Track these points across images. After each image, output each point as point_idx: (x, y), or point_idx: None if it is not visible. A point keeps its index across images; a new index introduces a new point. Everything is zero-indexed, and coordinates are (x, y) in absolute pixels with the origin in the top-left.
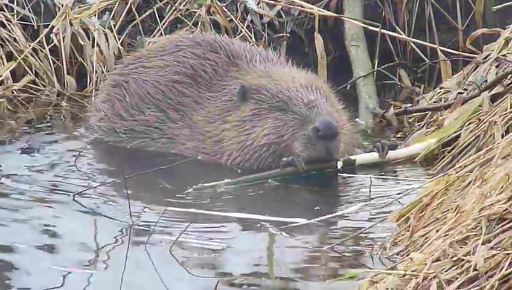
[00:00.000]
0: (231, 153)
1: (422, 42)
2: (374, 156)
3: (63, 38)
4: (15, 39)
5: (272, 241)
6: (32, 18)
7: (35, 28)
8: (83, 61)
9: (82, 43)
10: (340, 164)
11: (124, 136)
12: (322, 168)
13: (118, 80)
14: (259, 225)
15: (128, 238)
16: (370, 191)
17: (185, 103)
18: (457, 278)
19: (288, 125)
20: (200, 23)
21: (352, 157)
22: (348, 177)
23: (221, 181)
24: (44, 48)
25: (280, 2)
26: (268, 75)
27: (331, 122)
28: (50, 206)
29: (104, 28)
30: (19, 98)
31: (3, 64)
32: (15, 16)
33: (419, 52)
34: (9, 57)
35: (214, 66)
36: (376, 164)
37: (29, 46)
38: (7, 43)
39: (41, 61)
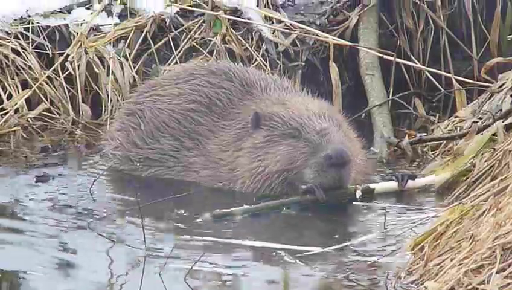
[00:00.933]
0: (244, 181)
1: (437, 71)
2: (392, 186)
3: (78, 66)
4: (30, 67)
5: (287, 269)
6: (47, 46)
7: (51, 56)
8: (98, 90)
9: (97, 71)
10: (359, 193)
11: (138, 164)
12: (341, 196)
13: (133, 108)
14: (274, 253)
15: (143, 266)
16: (385, 219)
17: (200, 131)
18: None
19: (300, 152)
20: (215, 51)
21: (371, 186)
22: (363, 206)
23: (239, 208)
24: (59, 76)
25: (295, 30)
26: (281, 103)
27: (343, 150)
28: (65, 234)
29: (119, 57)
30: (33, 126)
31: (18, 93)
32: (30, 44)
33: (434, 81)
34: (25, 85)
35: (229, 95)
36: (393, 193)
37: (44, 74)
38: (22, 71)
39: (56, 90)
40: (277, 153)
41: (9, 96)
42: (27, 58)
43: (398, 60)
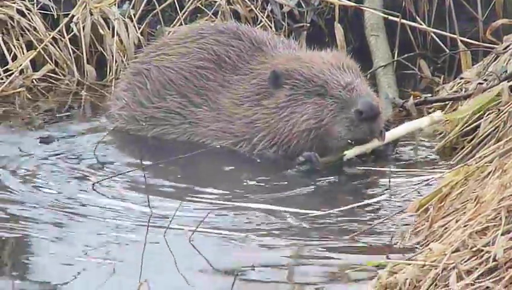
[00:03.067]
0: (266, 135)
1: (442, 32)
2: (374, 143)
3: (83, 27)
4: (35, 28)
5: (291, 231)
6: (52, 7)
7: (55, 17)
8: (102, 51)
9: (102, 32)
10: (347, 156)
11: (144, 124)
12: (333, 161)
13: (140, 67)
14: (279, 216)
15: (147, 227)
16: (390, 181)
17: (209, 87)
18: (476, 268)
19: (328, 109)
20: (220, 12)
21: (357, 148)
22: (368, 168)
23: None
24: (64, 37)
25: None
26: (296, 58)
27: (373, 104)
28: (69, 195)
29: (124, 18)
30: (38, 88)
31: (23, 54)
32: (35, 5)
33: (439, 42)
34: (29, 46)
35: (238, 52)
36: (396, 155)
37: (49, 35)
38: (27, 32)
39: (61, 51)
40: (303, 112)
41: (14, 58)
42: (32, 19)
43: (403, 21)
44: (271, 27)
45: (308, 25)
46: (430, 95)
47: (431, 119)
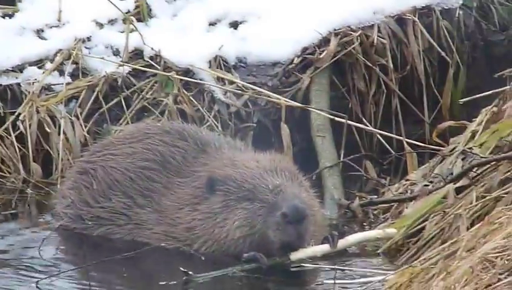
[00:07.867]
0: (205, 241)
1: (388, 134)
2: (324, 248)
3: (30, 125)
4: None
5: None
6: None
7: (2, 115)
8: (49, 149)
9: (48, 130)
10: (293, 259)
11: (90, 223)
12: (279, 262)
13: (86, 167)
14: None
15: None
16: (335, 283)
17: (154, 189)
18: None
19: (257, 214)
20: (167, 111)
21: (304, 250)
22: (313, 269)
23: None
24: (10, 135)
25: (247, 92)
26: (232, 163)
27: (298, 206)
28: None
29: (71, 116)
30: None
31: None
32: None
33: (385, 144)
34: None
35: (183, 154)
36: (340, 255)
37: None
38: None
39: (7, 148)
40: (235, 218)
41: None
42: None
43: (349, 122)
44: (218, 127)
45: (255, 125)
46: (375, 196)
47: (384, 232)
